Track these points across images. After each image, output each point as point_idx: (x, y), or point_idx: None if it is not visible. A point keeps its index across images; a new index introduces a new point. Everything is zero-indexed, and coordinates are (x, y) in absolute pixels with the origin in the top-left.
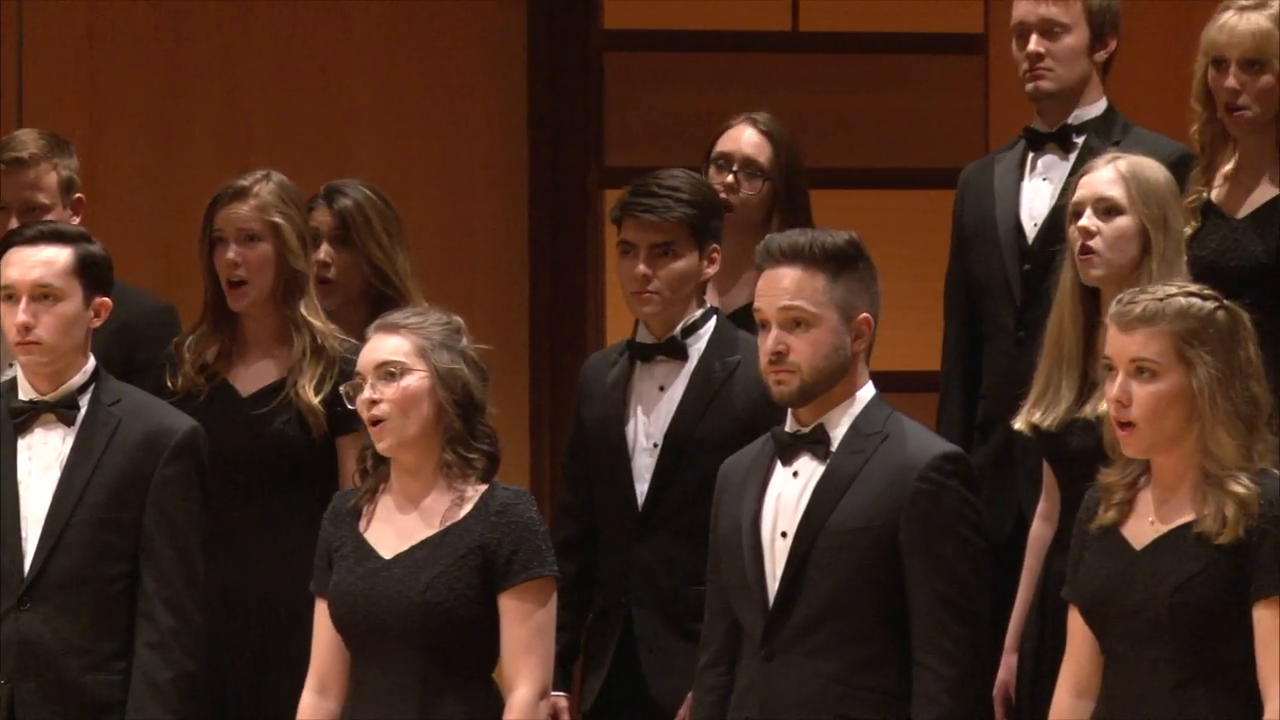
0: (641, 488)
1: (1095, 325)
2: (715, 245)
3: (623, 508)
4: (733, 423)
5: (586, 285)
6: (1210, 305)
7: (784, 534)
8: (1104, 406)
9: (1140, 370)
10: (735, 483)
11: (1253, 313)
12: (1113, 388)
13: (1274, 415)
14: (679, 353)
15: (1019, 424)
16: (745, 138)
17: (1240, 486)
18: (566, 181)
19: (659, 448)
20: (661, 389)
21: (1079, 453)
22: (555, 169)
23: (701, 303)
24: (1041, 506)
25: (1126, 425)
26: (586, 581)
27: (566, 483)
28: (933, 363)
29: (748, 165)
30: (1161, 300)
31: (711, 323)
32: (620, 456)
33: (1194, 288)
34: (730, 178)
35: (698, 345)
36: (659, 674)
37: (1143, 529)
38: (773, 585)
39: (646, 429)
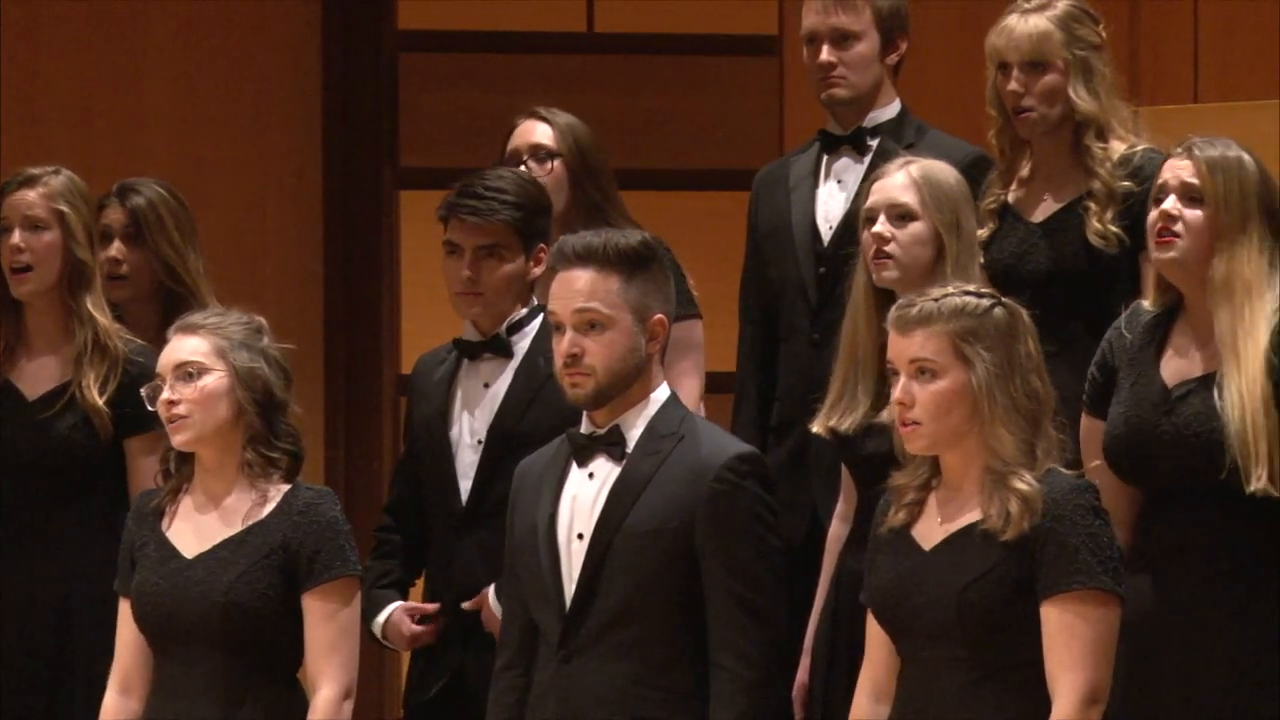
0: (465, 484)
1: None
2: (542, 245)
3: (447, 505)
4: (556, 418)
5: (381, 286)
6: (987, 303)
7: (580, 536)
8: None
9: (921, 371)
10: (531, 484)
11: (1032, 310)
12: (896, 390)
13: (1059, 412)
14: (504, 350)
15: (817, 427)
16: (529, 129)
17: (1023, 484)
18: (361, 182)
19: (483, 444)
20: (486, 386)
21: (876, 456)
22: (350, 170)
23: (528, 301)
24: (839, 508)
25: (910, 424)
26: (415, 545)
27: (397, 480)
28: (729, 364)
29: (535, 151)
30: (937, 301)
31: (538, 320)
32: (445, 454)
33: (971, 287)
34: (523, 169)
35: (523, 343)
36: (478, 670)
37: (931, 529)
38: (569, 588)
39: (471, 426)
